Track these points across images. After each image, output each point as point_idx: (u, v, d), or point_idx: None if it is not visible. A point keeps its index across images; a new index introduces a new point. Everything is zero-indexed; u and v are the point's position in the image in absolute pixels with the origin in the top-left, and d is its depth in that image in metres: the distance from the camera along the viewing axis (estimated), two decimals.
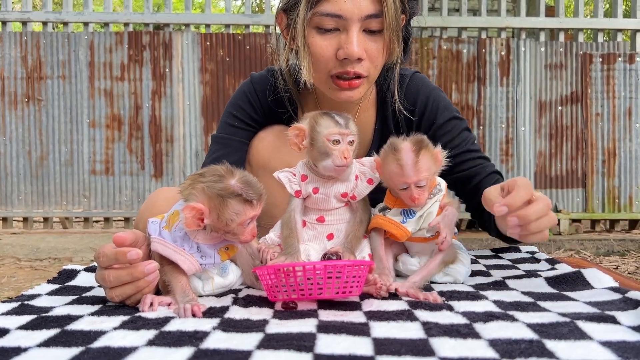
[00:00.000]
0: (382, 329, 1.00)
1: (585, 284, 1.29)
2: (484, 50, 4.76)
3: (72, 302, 1.23)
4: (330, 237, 1.40)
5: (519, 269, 1.57)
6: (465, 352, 0.86)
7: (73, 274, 1.48)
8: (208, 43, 4.73)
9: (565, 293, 1.25)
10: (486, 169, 1.69)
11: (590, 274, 1.31)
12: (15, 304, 1.19)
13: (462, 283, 1.40)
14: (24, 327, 1.04)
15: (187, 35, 4.73)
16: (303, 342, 0.92)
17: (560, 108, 4.80)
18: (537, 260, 1.69)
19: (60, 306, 1.20)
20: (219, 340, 0.95)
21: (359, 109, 1.76)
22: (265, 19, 4.83)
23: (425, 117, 1.74)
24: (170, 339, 0.95)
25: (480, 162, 1.71)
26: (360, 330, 0.99)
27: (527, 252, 1.81)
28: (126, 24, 4.79)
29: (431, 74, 4.75)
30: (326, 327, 1.01)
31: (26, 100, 4.69)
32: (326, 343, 0.92)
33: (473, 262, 1.70)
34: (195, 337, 0.96)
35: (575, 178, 4.83)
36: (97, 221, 5.14)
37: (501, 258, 1.80)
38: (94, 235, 4.58)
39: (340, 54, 1.44)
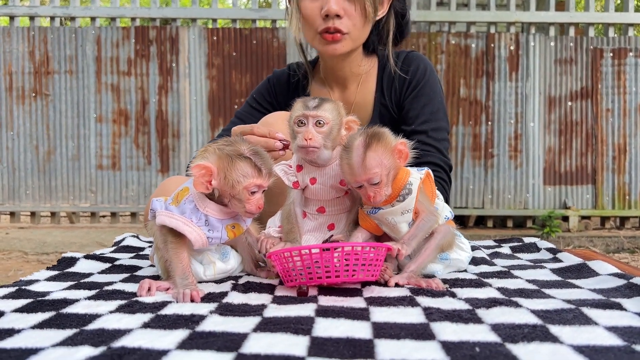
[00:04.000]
0: (382, 314, 0.97)
1: (590, 272, 1.26)
2: (492, 45, 4.71)
3: (69, 288, 1.22)
4: (331, 227, 1.37)
5: (522, 259, 1.54)
6: (466, 336, 0.84)
7: (72, 261, 1.47)
8: (215, 38, 4.72)
9: (570, 280, 1.22)
10: (427, 158, 1.74)
11: (596, 265, 1.28)
12: (12, 289, 1.18)
13: (465, 270, 1.37)
14: (19, 310, 1.03)
15: (194, 30, 4.72)
16: (300, 326, 0.90)
17: (570, 103, 4.74)
18: (538, 249, 1.66)
19: (58, 291, 1.18)
20: (215, 324, 0.93)
21: (361, 80, 1.88)
22: (272, 13, 4.81)
23: (413, 83, 1.83)
24: (165, 322, 0.94)
25: (427, 149, 1.75)
26: (359, 314, 0.97)
27: (530, 242, 1.78)
28: (133, 19, 4.79)
29: (439, 69, 4.70)
30: (325, 312, 0.98)
31: (33, 95, 4.70)
32: (324, 326, 0.90)
33: (474, 248, 1.67)
34: (191, 321, 0.95)
35: (585, 174, 4.77)
36: (103, 216, 5.14)
37: (503, 247, 1.77)
38: (101, 230, 4.59)
39: (323, 12, 1.64)
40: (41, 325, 0.92)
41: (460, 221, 4.91)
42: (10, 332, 0.88)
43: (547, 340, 0.80)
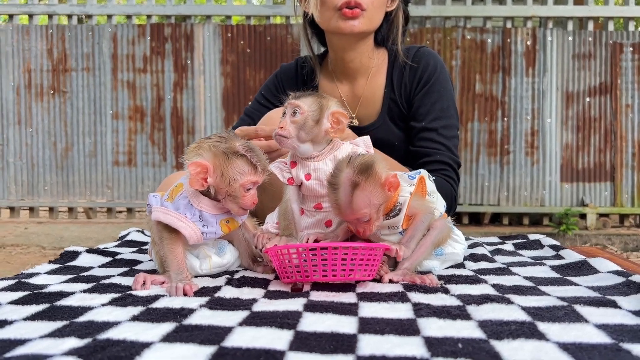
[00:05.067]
0: (370, 309, 0.97)
1: (590, 269, 1.24)
2: (509, 40, 4.65)
3: (67, 281, 1.23)
4: (328, 223, 1.36)
5: (524, 256, 1.52)
6: (451, 332, 0.83)
7: (74, 255, 1.49)
8: (229, 35, 4.74)
9: (568, 278, 1.20)
10: (436, 156, 1.73)
11: (597, 262, 1.25)
12: (12, 281, 1.20)
13: (464, 266, 1.35)
14: (15, 302, 1.04)
15: (209, 27, 4.75)
16: (287, 320, 0.90)
17: (588, 99, 4.66)
18: (542, 246, 1.63)
19: (56, 284, 1.20)
20: (202, 317, 0.93)
21: (371, 74, 1.86)
22: (286, 9, 4.81)
23: (423, 79, 1.81)
24: (154, 315, 0.94)
25: (436, 147, 1.74)
26: (348, 309, 0.96)
27: (534, 239, 1.75)
28: (149, 16, 4.84)
29: (454, 65, 4.66)
30: (313, 306, 0.98)
31: (52, 92, 4.78)
32: (310, 321, 0.89)
33: (476, 245, 1.66)
34: (180, 314, 0.95)
35: (603, 171, 4.68)
36: (120, 212, 5.21)
37: (507, 244, 1.74)
38: (117, 225, 4.65)
39: None
40: (33, 317, 0.94)
41: (476, 218, 4.87)
42: (2, 324, 0.90)
43: (532, 337, 0.79)
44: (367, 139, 1.35)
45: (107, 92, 4.78)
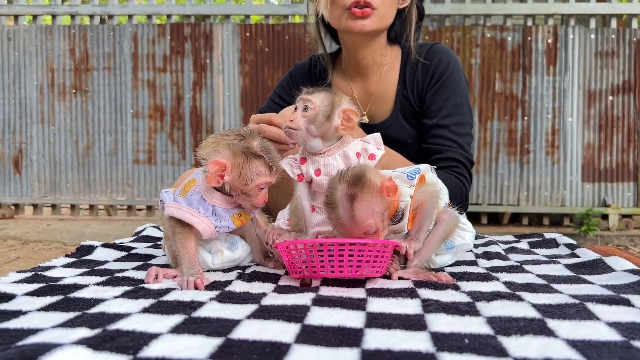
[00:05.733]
0: (379, 305, 0.97)
1: (605, 268, 1.22)
2: (529, 38, 4.59)
3: (82, 274, 1.25)
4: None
5: (538, 254, 1.50)
6: (458, 327, 0.82)
7: (90, 249, 1.51)
8: (248, 34, 4.76)
9: (582, 276, 1.18)
10: (447, 154, 1.72)
11: (612, 261, 1.23)
12: (28, 274, 1.22)
13: (477, 264, 1.34)
14: (30, 293, 1.07)
15: (228, 26, 4.78)
16: (294, 314, 0.90)
17: (610, 98, 4.58)
18: (557, 245, 1.61)
19: (71, 277, 1.22)
20: (212, 310, 0.94)
21: (384, 71, 1.86)
22: (304, 8, 4.80)
23: (436, 76, 1.80)
24: (164, 308, 0.96)
25: (448, 144, 1.73)
26: (356, 304, 0.97)
27: (550, 238, 1.73)
28: (169, 16, 4.88)
29: (473, 63, 4.62)
30: (322, 301, 0.99)
31: (74, 91, 4.85)
32: (318, 315, 0.90)
33: (491, 243, 1.64)
34: (190, 307, 0.96)
35: (626, 171, 4.60)
36: (140, 209, 5.27)
37: (522, 242, 1.72)
38: (137, 223, 4.70)
39: None
40: (47, 308, 0.96)
41: (495, 218, 4.81)
42: (17, 314, 0.92)
43: (541, 334, 0.78)
44: (377, 136, 1.34)
45: (127, 91, 4.84)
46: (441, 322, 0.85)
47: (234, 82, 4.79)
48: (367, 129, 1.66)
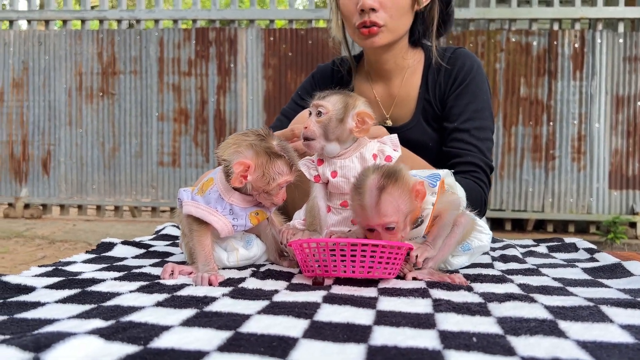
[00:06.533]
0: (389, 303, 0.96)
1: (624, 272, 1.19)
2: (555, 43, 4.53)
3: (101, 269, 1.28)
4: (355, 222, 1.37)
5: (557, 258, 1.47)
6: (467, 327, 0.82)
7: (110, 246, 1.54)
8: (271, 38, 4.80)
9: (600, 280, 1.16)
10: (467, 158, 1.70)
11: (632, 265, 1.21)
12: (49, 268, 1.25)
13: (493, 267, 1.33)
14: (50, 286, 1.09)
15: (252, 31, 4.83)
16: (304, 310, 0.90)
17: (639, 103, 4.49)
18: (577, 249, 1.58)
19: (90, 272, 1.25)
20: (224, 305, 0.95)
21: (406, 74, 1.86)
22: (328, 13, 4.83)
23: (458, 80, 1.79)
24: (178, 302, 0.97)
25: (468, 148, 1.71)
26: (367, 303, 0.96)
27: (570, 242, 1.70)
28: (194, 21, 4.95)
29: (498, 68, 4.57)
30: (332, 299, 0.99)
31: (101, 94, 4.96)
32: (328, 312, 0.90)
33: (509, 246, 1.62)
34: (202, 302, 0.97)
35: None
36: (163, 211, 5.34)
37: (540, 246, 1.70)
38: (160, 224, 4.77)
39: (358, 7, 1.65)
40: (64, 300, 0.98)
41: (519, 225, 4.75)
42: (35, 305, 0.94)
43: (551, 334, 0.77)
44: (394, 137, 1.34)
45: (153, 94, 4.92)
46: (451, 321, 0.85)
47: (257, 86, 4.83)
48: (389, 131, 1.66)
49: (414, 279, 1.19)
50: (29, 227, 4.72)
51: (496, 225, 4.68)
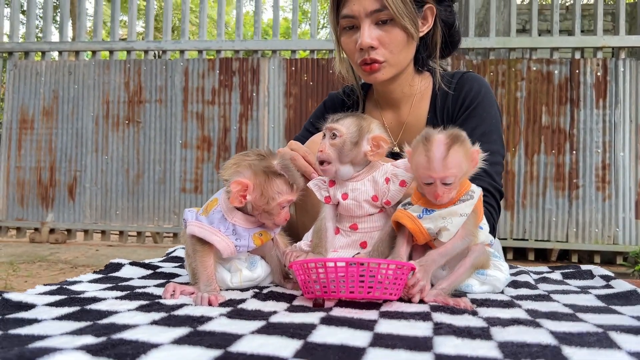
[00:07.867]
0: (388, 326, 0.95)
1: (638, 299, 1.15)
2: (577, 71, 4.49)
3: (105, 289, 1.29)
4: (364, 245, 1.36)
5: (570, 285, 1.43)
6: (465, 350, 0.80)
7: (118, 266, 1.56)
8: (293, 68, 4.88)
9: (613, 307, 1.12)
10: (475, 182, 1.67)
11: None
12: (54, 287, 1.27)
13: (502, 292, 1.30)
14: (50, 304, 1.11)
15: (274, 60, 4.91)
16: (299, 331, 0.90)
17: None
18: (592, 276, 1.54)
19: (93, 291, 1.26)
20: (219, 325, 0.95)
21: (414, 100, 1.87)
22: None
23: (465, 104, 1.79)
24: (173, 321, 0.97)
25: (476, 172, 1.68)
26: (365, 325, 0.95)
27: (586, 269, 1.65)
28: (218, 51, 5.06)
29: (519, 96, 4.55)
30: (330, 320, 0.98)
31: (127, 122, 5.07)
32: (323, 334, 0.89)
33: (522, 272, 1.59)
34: (198, 321, 0.97)
35: None
36: None
37: (554, 273, 1.66)
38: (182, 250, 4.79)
39: (357, 46, 1.67)
40: (61, 318, 0.99)
41: (542, 255, 4.65)
42: (31, 322, 0.96)
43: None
44: (406, 160, 1.34)
45: (177, 122, 5.01)
46: (449, 345, 0.83)
47: (278, 114, 4.89)
48: (397, 157, 1.66)
49: (421, 301, 1.17)
50: (53, 252, 4.80)
51: (519, 255, 4.59)
